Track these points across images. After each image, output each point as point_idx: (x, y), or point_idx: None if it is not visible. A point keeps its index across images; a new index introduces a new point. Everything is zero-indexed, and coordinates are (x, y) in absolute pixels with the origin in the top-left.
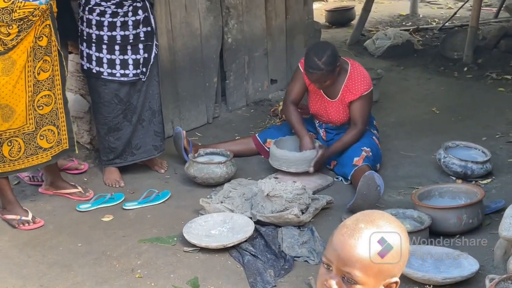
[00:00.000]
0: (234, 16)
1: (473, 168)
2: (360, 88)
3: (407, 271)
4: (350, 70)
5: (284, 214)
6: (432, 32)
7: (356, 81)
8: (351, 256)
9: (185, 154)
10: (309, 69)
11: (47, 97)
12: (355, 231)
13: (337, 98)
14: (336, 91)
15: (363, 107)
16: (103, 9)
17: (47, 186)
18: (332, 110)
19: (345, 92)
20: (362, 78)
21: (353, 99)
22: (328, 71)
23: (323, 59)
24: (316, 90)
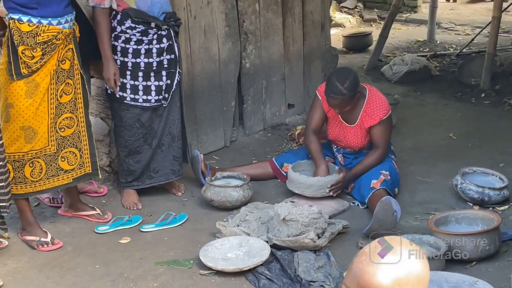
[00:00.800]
0: (252, 42)
1: (490, 194)
2: (379, 113)
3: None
4: (368, 95)
5: (300, 238)
6: (449, 58)
7: (374, 106)
8: (370, 284)
9: (203, 178)
10: (331, 93)
11: (69, 120)
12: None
13: (355, 124)
14: (354, 116)
15: (384, 131)
16: (128, 36)
17: (66, 208)
18: (350, 135)
19: (364, 117)
20: (380, 103)
21: (373, 124)
22: (349, 96)
23: (345, 85)
24: (335, 116)
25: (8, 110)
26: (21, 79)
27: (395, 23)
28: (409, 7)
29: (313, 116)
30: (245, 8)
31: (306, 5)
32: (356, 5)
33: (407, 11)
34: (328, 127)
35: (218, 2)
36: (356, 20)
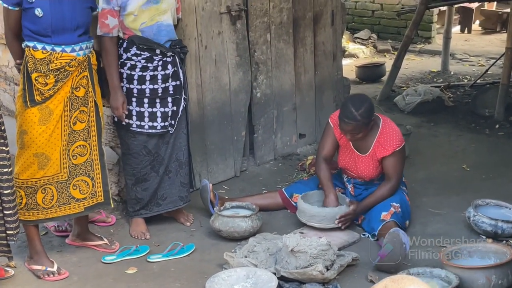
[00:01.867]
0: (263, 71)
1: (503, 227)
2: (392, 144)
3: None
4: (382, 125)
5: (309, 270)
6: (463, 89)
7: (388, 137)
8: None
9: (211, 207)
10: (345, 118)
11: (81, 148)
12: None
13: (368, 153)
14: (367, 146)
15: (397, 163)
16: (134, 63)
17: (74, 237)
18: (362, 165)
19: (377, 147)
20: (394, 134)
21: (386, 155)
22: (363, 123)
23: (360, 111)
24: (347, 144)
25: (23, 137)
26: (34, 106)
27: (409, 54)
28: (423, 38)
29: (325, 144)
30: (256, 39)
31: (318, 35)
32: (370, 36)
33: (421, 42)
34: (339, 155)
35: (229, 32)
36: (370, 50)
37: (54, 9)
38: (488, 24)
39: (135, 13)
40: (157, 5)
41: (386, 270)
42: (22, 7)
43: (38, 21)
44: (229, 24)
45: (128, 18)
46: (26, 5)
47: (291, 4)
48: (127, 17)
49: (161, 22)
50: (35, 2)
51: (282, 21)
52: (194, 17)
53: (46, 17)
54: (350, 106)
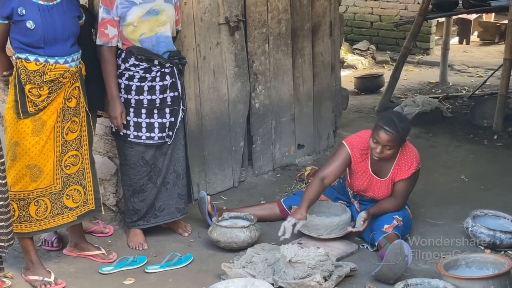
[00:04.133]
0: (262, 82)
1: (502, 237)
2: (411, 167)
3: None
4: (402, 148)
5: (306, 281)
6: (461, 99)
7: (407, 159)
8: None
9: (209, 219)
10: (385, 126)
11: (74, 157)
12: None
13: (387, 177)
14: (386, 170)
15: (409, 185)
16: (132, 73)
17: (71, 248)
18: (379, 189)
19: (396, 170)
20: (413, 157)
21: (403, 178)
22: (400, 138)
23: (402, 124)
24: (364, 170)
25: (15, 148)
26: (27, 117)
27: (408, 65)
28: (422, 49)
29: (332, 164)
30: (255, 49)
31: (316, 46)
32: (368, 47)
33: (419, 53)
34: (353, 180)
35: (228, 43)
36: (369, 62)
37: (46, 20)
38: (486, 35)
39: (134, 24)
40: (157, 17)
41: (384, 281)
42: (11, 20)
43: (30, 34)
44: (227, 35)
45: (127, 28)
46: (17, 17)
47: (289, 15)
48: (127, 27)
49: (161, 33)
50: (26, 15)
51: (281, 32)
52: (193, 28)
53: (38, 29)
54: (393, 117)
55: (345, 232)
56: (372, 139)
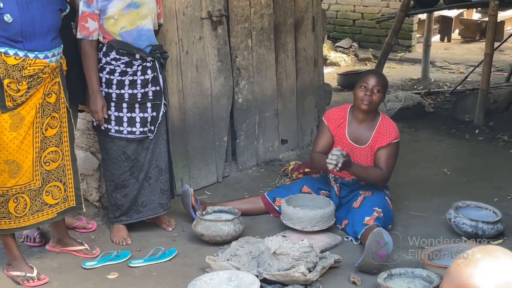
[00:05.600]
0: (245, 77)
1: (484, 228)
2: (390, 135)
3: None
4: (381, 119)
5: (291, 272)
6: (443, 95)
7: (387, 128)
8: (468, 285)
9: (193, 212)
10: (371, 72)
11: (54, 153)
12: (472, 261)
13: (366, 145)
14: (365, 137)
15: (390, 155)
16: (113, 67)
17: (54, 244)
18: (359, 157)
19: (376, 137)
20: (393, 127)
21: (382, 145)
22: (384, 83)
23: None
24: (342, 137)
25: None
26: (5, 112)
27: (390, 62)
28: (404, 46)
29: (319, 141)
30: (238, 44)
31: (299, 41)
32: (351, 45)
33: (401, 51)
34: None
35: (211, 37)
36: (351, 59)
37: (24, 14)
38: (467, 33)
39: (115, 17)
40: (138, 10)
41: (368, 272)
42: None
43: (8, 27)
44: (210, 30)
45: (108, 22)
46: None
47: (272, 10)
48: (107, 21)
49: (142, 27)
50: (4, 8)
51: (263, 27)
52: (175, 22)
53: (16, 23)
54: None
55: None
56: (359, 88)
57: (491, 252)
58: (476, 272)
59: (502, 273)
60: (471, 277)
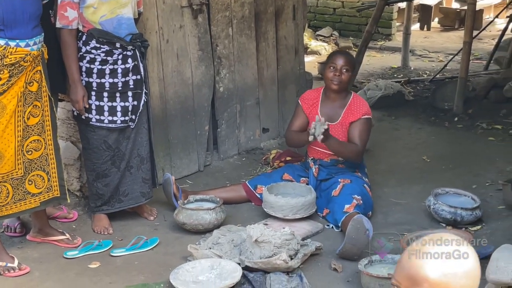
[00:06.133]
0: (226, 66)
1: (462, 214)
2: (361, 110)
3: None
4: (352, 97)
5: (273, 259)
6: (423, 83)
7: (357, 105)
8: (418, 275)
9: (175, 200)
10: (338, 52)
11: (36, 142)
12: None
13: (338, 121)
14: (336, 115)
15: (362, 130)
16: (93, 56)
17: (35, 233)
18: (332, 133)
19: (347, 114)
20: (363, 104)
21: (354, 120)
22: (352, 61)
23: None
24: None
25: None
26: None
27: (370, 51)
28: (384, 35)
29: (294, 121)
30: (218, 33)
31: (280, 30)
32: (331, 33)
33: (381, 39)
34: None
35: (191, 26)
36: (332, 47)
37: (4, 2)
38: (446, 21)
39: (94, 6)
40: None
41: (349, 258)
42: None
43: None
44: (190, 18)
45: (87, 10)
46: None
47: None
48: (87, 9)
49: (122, 15)
50: None
51: (244, 15)
52: (155, 11)
53: None
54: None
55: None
56: (328, 69)
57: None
58: (426, 262)
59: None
60: (421, 267)
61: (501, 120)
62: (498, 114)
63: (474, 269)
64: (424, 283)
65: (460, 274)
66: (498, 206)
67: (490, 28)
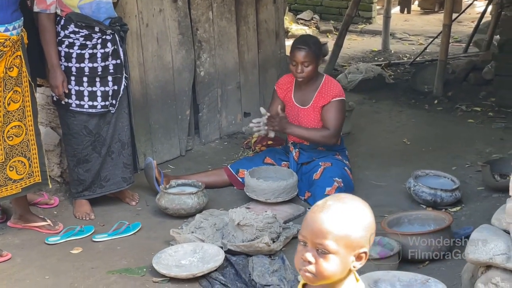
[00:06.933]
0: (207, 50)
1: (442, 196)
2: (331, 93)
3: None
4: (324, 80)
5: (255, 243)
6: (403, 66)
7: (328, 88)
8: (322, 229)
9: (157, 185)
10: (298, 45)
11: (17, 128)
12: (324, 207)
13: (309, 105)
14: (309, 98)
15: (334, 113)
16: (72, 41)
17: (16, 220)
18: (304, 117)
19: (318, 98)
20: (335, 86)
21: (325, 103)
22: (314, 52)
23: (312, 40)
24: (289, 100)
25: None
26: None
27: (351, 34)
28: (364, 18)
29: (271, 108)
30: (199, 16)
31: (260, 13)
32: (312, 17)
33: (362, 22)
34: (287, 115)
35: (171, 10)
36: (313, 31)
37: None
38: (426, 4)
39: None
40: None
41: None
42: None
43: None
44: (170, 2)
45: None
46: None
47: None
48: None
49: None
50: None
51: None
52: None
53: None
54: (303, 36)
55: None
56: (291, 63)
57: (341, 199)
58: (327, 217)
59: (350, 217)
60: (324, 221)
61: (480, 102)
62: (477, 96)
63: (370, 222)
64: (328, 235)
65: (359, 227)
66: (477, 187)
67: (470, 11)
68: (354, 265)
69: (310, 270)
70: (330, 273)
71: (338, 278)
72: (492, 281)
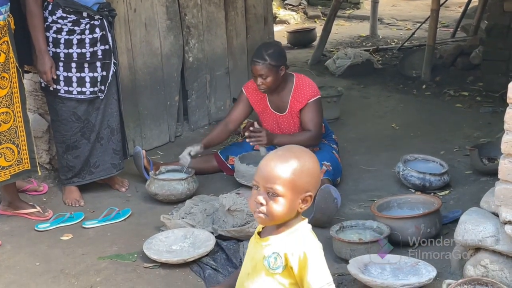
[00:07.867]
0: (195, 35)
1: (431, 180)
2: (306, 95)
3: (366, 279)
4: (295, 81)
5: (245, 228)
6: (391, 52)
7: (302, 90)
8: (272, 174)
9: (146, 173)
10: (254, 58)
11: (5, 115)
12: (275, 156)
13: (286, 111)
14: (284, 104)
15: (313, 113)
16: (60, 26)
17: (5, 207)
18: (284, 124)
19: (293, 103)
20: (307, 86)
21: (301, 107)
22: (271, 65)
23: (269, 51)
24: (265, 108)
25: None
26: None
27: (339, 19)
28: (352, 3)
29: (233, 110)
30: (187, 2)
31: None
32: (300, 2)
33: (350, 8)
34: (263, 122)
35: None
36: (301, 17)
37: None
38: None
39: None
40: None
41: (319, 225)
42: None
43: None
44: None
45: None
46: None
47: None
48: None
49: None
50: None
51: None
52: None
53: None
54: (260, 48)
55: None
56: (252, 76)
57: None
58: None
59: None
60: (273, 168)
61: (468, 87)
62: (465, 81)
63: (314, 169)
64: (277, 180)
65: (304, 173)
66: (465, 171)
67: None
68: (301, 207)
69: (262, 211)
70: (279, 214)
71: (287, 218)
72: (481, 263)
